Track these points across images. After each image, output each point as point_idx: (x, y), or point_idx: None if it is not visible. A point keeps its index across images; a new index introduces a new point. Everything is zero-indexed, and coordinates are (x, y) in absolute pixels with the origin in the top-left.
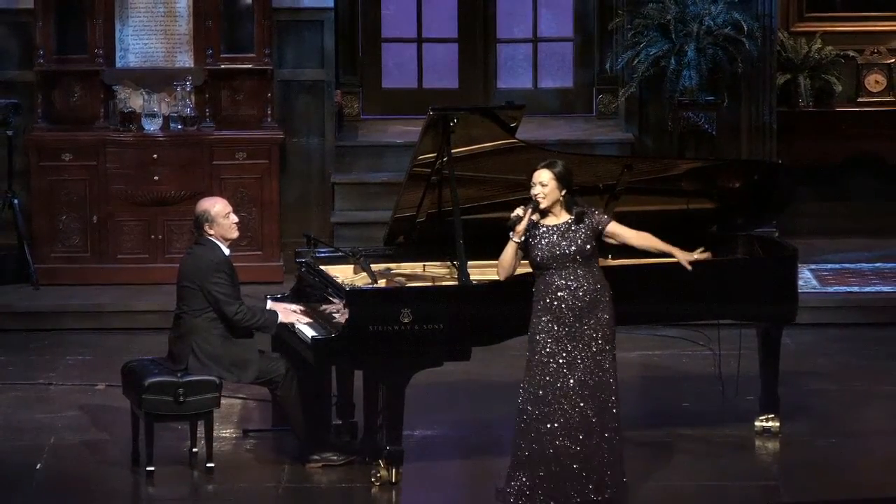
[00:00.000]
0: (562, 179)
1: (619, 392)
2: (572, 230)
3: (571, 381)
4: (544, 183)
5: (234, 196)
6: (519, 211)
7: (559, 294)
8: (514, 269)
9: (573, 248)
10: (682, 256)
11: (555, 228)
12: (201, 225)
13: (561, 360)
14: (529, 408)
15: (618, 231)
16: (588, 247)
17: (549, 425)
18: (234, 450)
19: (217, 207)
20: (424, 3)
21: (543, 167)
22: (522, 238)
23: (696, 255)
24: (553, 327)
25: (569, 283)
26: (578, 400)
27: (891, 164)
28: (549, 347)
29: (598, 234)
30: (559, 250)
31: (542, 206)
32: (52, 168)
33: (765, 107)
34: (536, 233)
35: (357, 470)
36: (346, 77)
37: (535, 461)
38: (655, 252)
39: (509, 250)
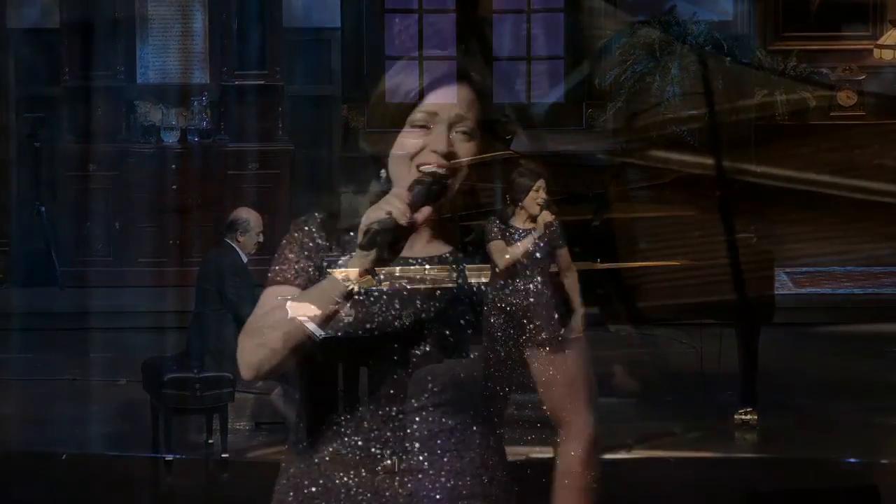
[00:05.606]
0: None
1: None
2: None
3: None
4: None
5: (247, 205)
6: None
7: None
8: None
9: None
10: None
11: (524, 232)
12: (235, 229)
13: None
14: None
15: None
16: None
17: None
18: (247, 441)
19: (254, 220)
20: (425, 23)
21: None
22: None
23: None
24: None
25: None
26: None
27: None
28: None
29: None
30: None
31: None
32: (77, 178)
33: (744, 120)
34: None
35: None
36: (352, 92)
37: None
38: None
39: None
